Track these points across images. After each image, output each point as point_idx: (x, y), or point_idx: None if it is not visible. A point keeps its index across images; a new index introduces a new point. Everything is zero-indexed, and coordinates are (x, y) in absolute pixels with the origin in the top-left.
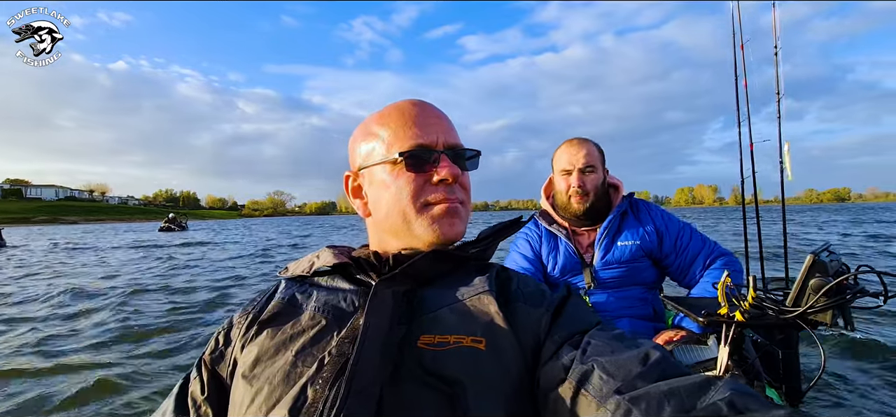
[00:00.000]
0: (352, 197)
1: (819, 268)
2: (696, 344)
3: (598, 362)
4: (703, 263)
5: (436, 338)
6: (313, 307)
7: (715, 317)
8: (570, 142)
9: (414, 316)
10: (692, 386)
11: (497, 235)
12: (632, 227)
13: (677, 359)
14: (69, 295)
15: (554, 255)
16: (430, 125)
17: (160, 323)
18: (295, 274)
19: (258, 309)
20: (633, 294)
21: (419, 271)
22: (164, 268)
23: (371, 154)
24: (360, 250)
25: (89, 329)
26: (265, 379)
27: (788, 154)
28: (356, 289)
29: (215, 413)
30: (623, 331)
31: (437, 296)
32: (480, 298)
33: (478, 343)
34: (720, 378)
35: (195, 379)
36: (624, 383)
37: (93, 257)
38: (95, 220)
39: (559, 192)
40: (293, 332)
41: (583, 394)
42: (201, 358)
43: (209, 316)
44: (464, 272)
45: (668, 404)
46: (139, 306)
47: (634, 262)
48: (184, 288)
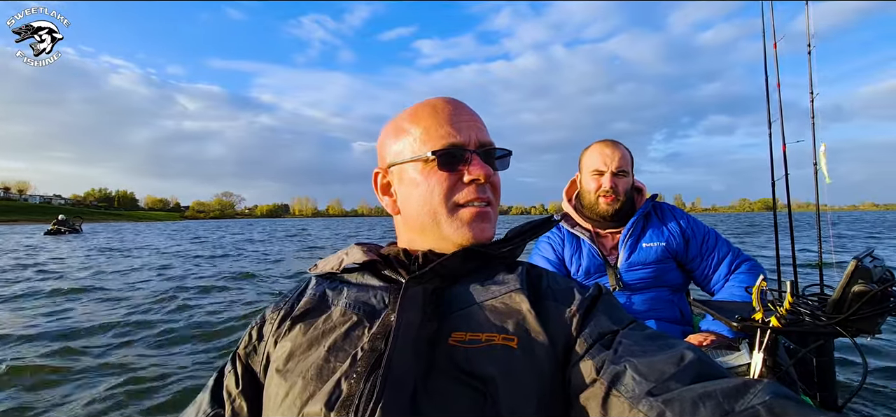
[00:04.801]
0: (381, 194)
1: (862, 274)
2: (727, 348)
3: (631, 362)
4: (728, 268)
5: (467, 336)
6: (344, 303)
7: (750, 322)
8: (604, 143)
9: (444, 314)
10: (729, 389)
11: (526, 235)
12: (656, 229)
13: None
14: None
15: (577, 257)
16: (463, 123)
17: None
18: (324, 271)
19: (290, 305)
20: (659, 296)
21: (449, 270)
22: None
23: (402, 151)
24: (388, 247)
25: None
26: (298, 374)
27: (824, 156)
28: (386, 286)
29: (249, 405)
30: (657, 331)
31: (467, 294)
32: (512, 296)
33: (510, 341)
34: (759, 381)
35: (230, 373)
36: (657, 384)
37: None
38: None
39: (587, 192)
40: (325, 328)
41: (614, 395)
42: (235, 353)
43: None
44: (493, 270)
45: (703, 406)
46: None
47: (660, 264)
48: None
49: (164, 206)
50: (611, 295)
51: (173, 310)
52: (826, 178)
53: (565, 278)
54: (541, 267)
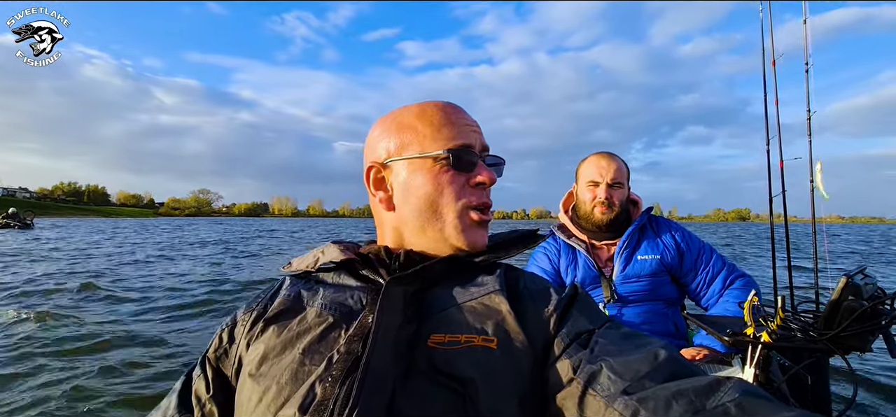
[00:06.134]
0: (373, 189)
1: (852, 291)
2: (720, 363)
3: (607, 361)
4: (722, 283)
5: (446, 337)
6: (320, 304)
7: (741, 337)
8: (601, 155)
9: (423, 315)
10: (701, 387)
11: (511, 247)
12: (651, 242)
13: None
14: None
15: (572, 268)
16: (470, 127)
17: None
18: (299, 269)
19: (263, 306)
20: (654, 309)
21: (432, 273)
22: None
23: (407, 146)
24: (368, 246)
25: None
26: (272, 378)
27: (820, 172)
28: (363, 287)
29: (220, 411)
30: (633, 330)
31: (447, 295)
32: (491, 297)
33: (489, 342)
34: (730, 379)
35: (199, 377)
36: (632, 383)
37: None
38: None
39: (583, 203)
40: (300, 330)
41: (591, 394)
42: (205, 356)
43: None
44: (472, 272)
45: (676, 404)
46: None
47: (654, 277)
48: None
49: (137, 202)
50: (587, 294)
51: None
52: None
53: (542, 278)
54: (518, 267)
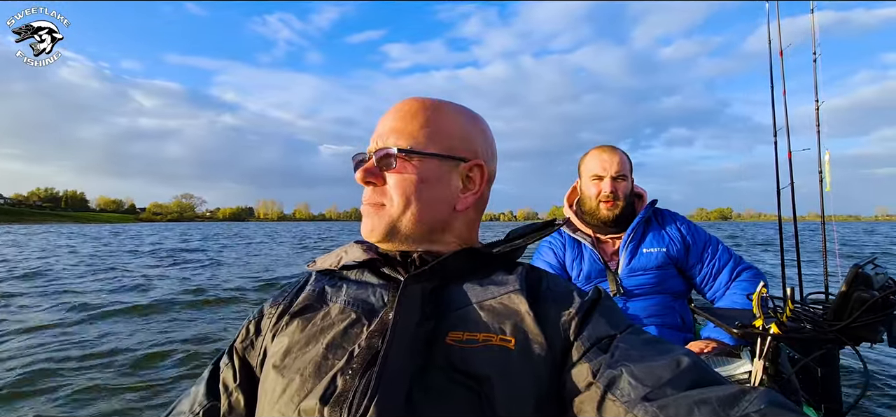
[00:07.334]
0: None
1: (863, 281)
2: (728, 356)
3: (628, 367)
4: (729, 275)
5: (464, 335)
6: (343, 300)
7: (750, 329)
8: (603, 148)
9: (442, 313)
10: (725, 396)
11: (528, 236)
12: (657, 234)
13: None
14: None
15: (578, 262)
16: (376, 132)
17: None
18: (323, 267)
19: (289, 301)
20: (660, 302)
21: (448, 269)
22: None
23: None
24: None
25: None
26: (296, 370)
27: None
28: (385, 284)
29: (246, 400)
30: (655, 336)
31: (465, 293)
32: (510, 297)
33: (507, 342)
34: (755, 389)
35: (227, 366)
36: (653, 389)
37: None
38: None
39: (588, 198)
40: (324, 325)
41: (610, 399)
42: (232, 346)
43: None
44: (492, 270)
45: (698, 412)
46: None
47: (660, 270)
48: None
49: (117, 208)
50: (610, 298)
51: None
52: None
53: (565, 281)
54: (541, 268)
